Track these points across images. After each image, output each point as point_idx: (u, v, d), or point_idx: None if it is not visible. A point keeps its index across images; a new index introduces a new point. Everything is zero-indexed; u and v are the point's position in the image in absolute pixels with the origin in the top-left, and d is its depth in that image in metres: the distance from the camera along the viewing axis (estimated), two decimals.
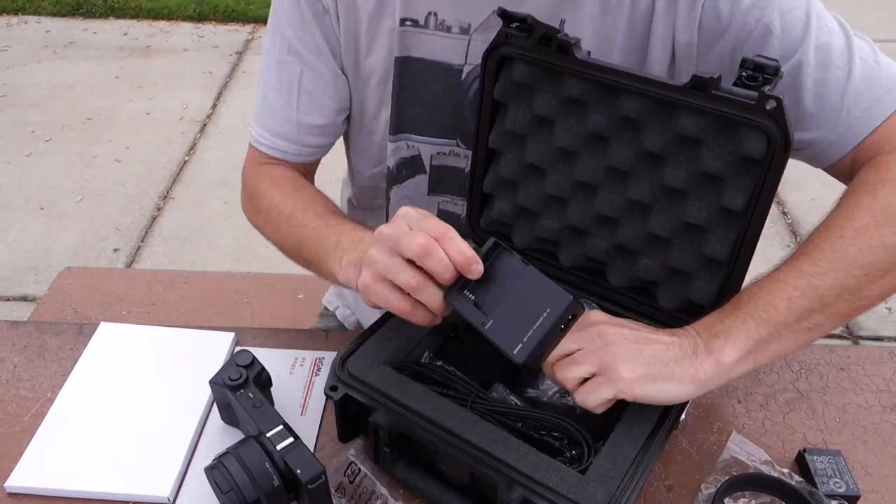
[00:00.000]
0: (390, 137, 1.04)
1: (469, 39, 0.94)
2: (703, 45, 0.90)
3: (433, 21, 0.94)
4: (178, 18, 4.34)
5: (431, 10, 0.93)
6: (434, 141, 1.03)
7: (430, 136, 1.03)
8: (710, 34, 0.89)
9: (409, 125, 1.02)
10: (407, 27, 0.94)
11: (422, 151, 1.05)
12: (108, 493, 0.83)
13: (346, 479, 0.83)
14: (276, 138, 1.04)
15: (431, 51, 0.96)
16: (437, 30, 0.94)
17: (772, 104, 0.73)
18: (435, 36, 0.95)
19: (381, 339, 0.86)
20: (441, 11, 0.93)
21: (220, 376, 0.84)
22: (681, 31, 0.89)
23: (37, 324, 1.04)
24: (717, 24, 0.88)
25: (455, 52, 0.95)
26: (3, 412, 0.91)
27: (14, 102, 3.52)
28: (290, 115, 1.02)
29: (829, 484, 0.82)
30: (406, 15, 0.94)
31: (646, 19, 0.90)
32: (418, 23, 0.94)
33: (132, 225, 2.82)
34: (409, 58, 0.97)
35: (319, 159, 1.11)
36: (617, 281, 0.91)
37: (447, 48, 0.95)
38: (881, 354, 1.02)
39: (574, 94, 0.84)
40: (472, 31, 0.94)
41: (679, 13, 0.89)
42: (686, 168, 0.81)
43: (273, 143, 1.04)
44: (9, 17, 4.32)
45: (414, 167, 1.07)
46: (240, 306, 1.61)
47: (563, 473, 0.72)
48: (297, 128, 1.03)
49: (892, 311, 2.52)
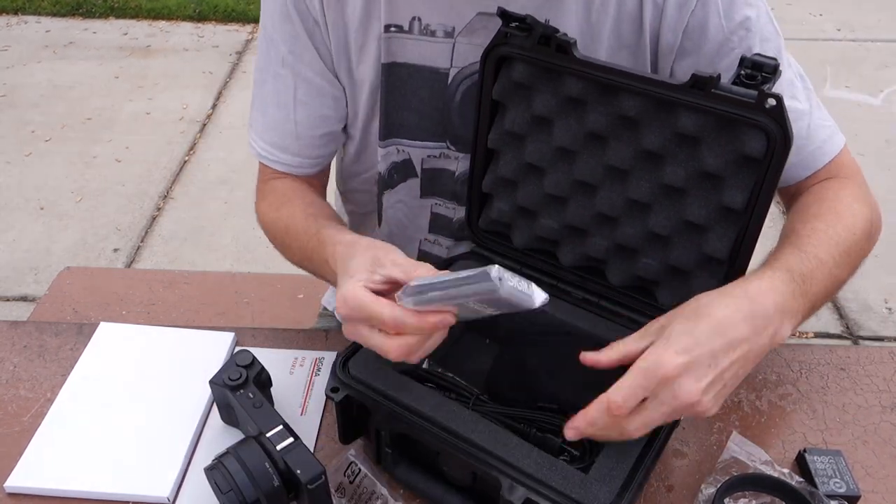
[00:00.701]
0: (380, 143, 1.04)
1: (454, 43, 0.95)
2: (683, 49, 0.91)
3: (417, 26, 0.94)
4: (178, 18, 4.33)
5: (415, 15, 0.93)
6: (424, 144, 1.04)
7: (420, 139, 1.03)
8: (692, 41, 0.90)
9: (399, 130, 1.03)
10: (392, 33, 0.94)
11: (412, 155, 1.05)
12: (107, 493, 0.83)
13: (346, 479, 0.83)
14: (281, 153, 1.04)
15: (417, 55, 0.96)
16: (422, 34, 0.94)
17: (771, 102, 0.73)
18: (420, 41, 0.95)
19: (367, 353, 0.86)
20: (425, 16, 0.93)
21: (220, 376, 0.84)
22: (666, 33, 0.91)
23: (37, 324, 1.04)
24: (702, 33, 0.89)
25: (440, 56, 0.96)
26: (3, 412, 0.91)
27: (14, 102, 3.52)
28: (290, 128, 1.02)
29: (830, 484, 0.82)
30: (390, 21, 0.94)
31: (633, 19, 0.91)
32: (402, 28, 0.94)
33: (132, 225, 2.82)
34: (395, 63, 0.97)
35: (327, 170, 1.11)
36: (617, 280, 0.91)
37: (432, 52, 0.96)
38: (881, 354, 1.02)
39: (573, 94, 0.84)
40: (457, 34, 0.94)
41: (667, 14, 0.89)
42: (686, 167, 0.81)
43: (278, 158, 1.04)
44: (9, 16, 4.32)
45: (405, 171, 1.07)
46: (240, 306, 1.61)
47: (566, 473, 0.72)
48: (297, 140, 1.03)
49: (892, 311, 2.52)
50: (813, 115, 0.93)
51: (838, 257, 0.81)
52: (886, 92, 3.66)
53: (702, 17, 0.89)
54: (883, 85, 3.72)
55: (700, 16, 0.88)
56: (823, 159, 0.94)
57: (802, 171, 0.94)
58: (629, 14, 0.91)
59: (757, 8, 0.90)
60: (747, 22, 0.89)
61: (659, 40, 0.92)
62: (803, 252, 0.79)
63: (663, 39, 0.91)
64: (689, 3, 0.88)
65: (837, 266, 0.81)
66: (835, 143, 0.95)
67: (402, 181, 1.08)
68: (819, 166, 0.94)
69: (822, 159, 0.94)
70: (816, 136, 0.93)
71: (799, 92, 0.93)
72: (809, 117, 0.93)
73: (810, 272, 0.77)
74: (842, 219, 0.86)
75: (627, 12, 0.90)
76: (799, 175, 0.95)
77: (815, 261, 0.79)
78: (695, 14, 0.88)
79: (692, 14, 0.89)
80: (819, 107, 0.95)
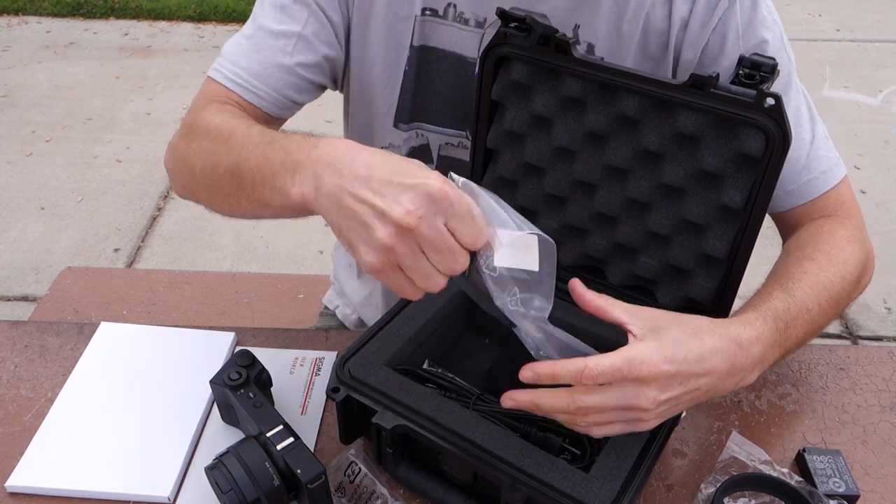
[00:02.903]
0: (403, 126, 1.05)
1: (483, 34, 0.96)
2: (700, 66, 0.94)
3: (452, 12, 0.96)
4: (178, 18, 4.34)
5: (451, 2, 0.95)
6: (445, 131, 1.05)
7: (442, 126, 1.04)
8: (709, 58, 0.93)
9: (423, 114, 1.04)
10: (427, 17, 0.96)
11: (430, 141, 1.06)
12: (108, 493, 0.83)
13: (346, 479, 0.83)
14: (254, 79, 0.95)
15: (448, 41, 0.98)
16: (455, 21, 0.96)
17: (770, 102, 0.73)
18: (452, 27, 0.97)
19: (382, 340, 0.86)
20: (460, 4, 0.95)
21: (220, 376, 0.84)
22: (687, 49, 0.93)
23: (37, 324, 1.05)
24: (720, 50, 0.92)
25: (470, 45, 0.97)
26: (4, 412, 0.92)
27: (15, 102, 3.52)
28: (282, 60, 0.95)
29: (829, 484, 0.82)
30: (427, 4, 0.96)
31: (660, 35, 0.93)
32: (437, 13, 0.96)
33: (132, 225, 2.82)
34: (426, 47, 0.98)
35: (284, 122, 1.02)
36: (616, 279, 0.91)
37: (463, 40, 0.97)
38: (881, 354, 1.02)
39: (572, 94, 0.84)
40: (487, 25, 0.95)
41: (690, 30, 0.92)
42: (685, 166, 0.81)
43: (248, 83, 0.94)
44: (9, 17, 4.32)
45: (422, 157, 1.07)
46: (240, 306, 1.61)
47: (567, 472, 0.72)
48: (286, 73, 0.95)
49: (892, 311, 2.52)
50: (815, 146, 0.94)
51: (825, 303, 0.83)
52: (885, 92, 3.66)
53: (721, 35, 0.91)
54: (882, 85, 3.73)
55: (720, 34, 0.91)
56: (818, 190, 0.95)
57: (798, 199, 0.95)
58: (656, 29, 0.93)
59: (773, 33, 0.92)
60: (763, 45, 0.91)
61: (680, 56, 0.94)
62: (791, 297, 0.80)
63: (684, 55, 0.94)
64: (712, 22, 0.90)
65: (822, 314, 0.83)
66: (834, 174, 0.95)
67: None
68: (814, 195, 0.95)
69: (817, 189, 0.95)
70: (815, 167, 0.94)
71: (805, 121, 0.95)
72: (810, 147, 0.94)
73: (793, 320, 0.79)
74: (834, 263, 0.86)
75: (655, 27, 0.93)
76: (794, 202, 0.96)
77: (801, 308, 0.80)
78: (716, 31, 0.91)
79: (713, 31, 0.91)
80: (825, 138, 0.96)
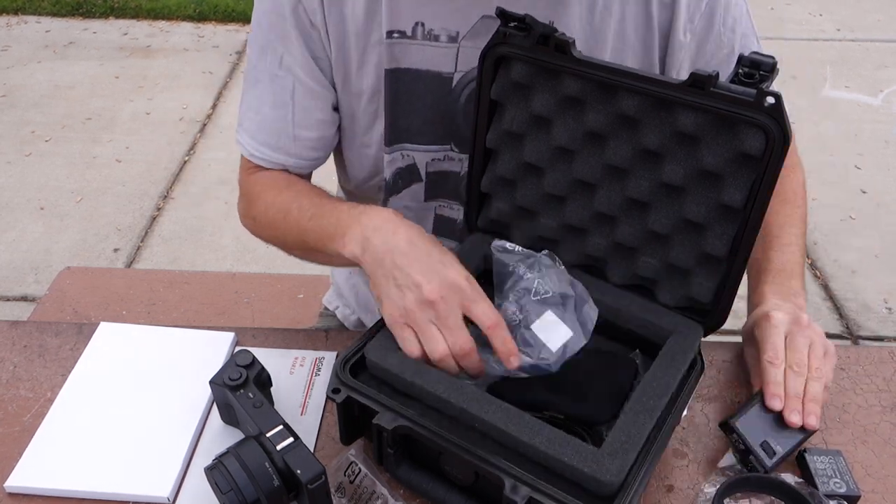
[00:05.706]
0: (386, 149, 1.03)
1: (458, 47, 0.95)
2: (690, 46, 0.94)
3: (420, 31, 0.94)
4: (178, 18, 4.33)
5: (418, 21, 0.93)
6: (428, 148, 1.04)
7: (425, 143, 1.03)
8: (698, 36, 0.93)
9: (404, 135, 1.02)
10: (394, 39, 0.94)
11: (416, 160, 1.05)
12: (108, 493, 0.83)
13: (346, 479, 0.83)
14: (275, 153, 1.03)
15: (420, 61, 0.96)
16: (425, 40, 0.94)
17: (770, 101, 0.73)
18: (424, 46, 0.95)
19: (382, 340, 0.86)
20: (428, 21, 0.93)
21: (220, 376, 0.84)
22: (677, 31, 0.93)
23: (37, 324, 1.05)
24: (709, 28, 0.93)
25: (445, 61, 0.96)
26: (3, 412, 0.91)
27: (14, 102, 3.52)
28: (287, 129, 1.01)
29: (830, 484, 0.82)
30: (393, 27, 0.93)
31: (639, 20, 0.92)
32: (405, 34, 0.94)
33: (132, 225, 2.82)
34: (398, 69, 0.97)
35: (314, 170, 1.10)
36: (617, 279, 0.91)
37: (436, 57, 0.95)
38: (881, 354, 1.02)
39: (572, 93, 0.84)
40: (461, 38, 0.94)
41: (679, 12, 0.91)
42: (684, 165, 0.81)
43: (271, 158, 1.03)
44: (9, 17, 4.32)
45: (410, 176, 1.07)
46: (240, 306, 1.61)
47: (578, 447, 0.72)
48: (294, 142, 1.02)
49: (892, 311, 2.52)
50: None
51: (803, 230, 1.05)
52: (886, 92, 3.66)
53: (710, 12, 0.91)
54: (882, 85, 3.72)
55: (708, 12, 0.91)
56: None
57: None
58: (633, 15, 0.92)
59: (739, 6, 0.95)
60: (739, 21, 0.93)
61: (670, 38, 0.93)
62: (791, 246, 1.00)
63: (674, 37, 0.93)
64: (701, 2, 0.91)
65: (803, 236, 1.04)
66: None
67: (407, 186, 1.08)
68: None
69: None
70: None
71: None
72: None
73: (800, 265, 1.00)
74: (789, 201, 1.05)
75: (632, 14, 0.92)
76: None
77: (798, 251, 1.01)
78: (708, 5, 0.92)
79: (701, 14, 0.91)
80: None
